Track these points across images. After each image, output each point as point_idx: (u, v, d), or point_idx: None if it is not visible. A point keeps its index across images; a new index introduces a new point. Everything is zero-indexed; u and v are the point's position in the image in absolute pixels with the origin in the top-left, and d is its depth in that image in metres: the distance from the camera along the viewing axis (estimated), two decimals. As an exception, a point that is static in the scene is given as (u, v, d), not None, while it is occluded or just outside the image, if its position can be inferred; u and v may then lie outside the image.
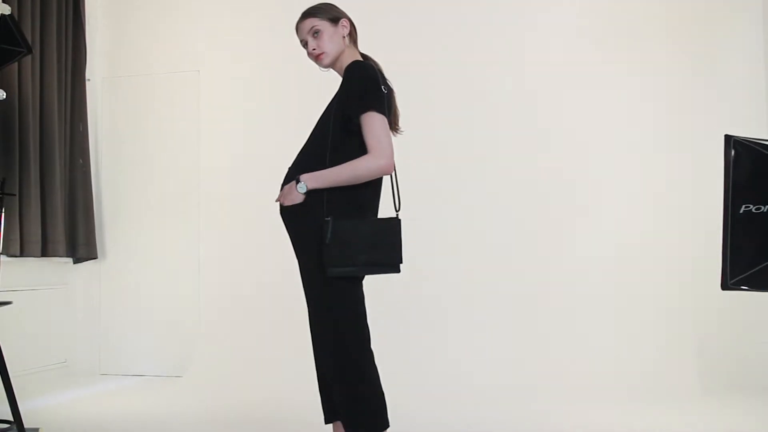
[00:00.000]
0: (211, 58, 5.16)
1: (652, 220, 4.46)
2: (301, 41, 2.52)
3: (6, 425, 3.12)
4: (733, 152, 1.73)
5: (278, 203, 2.41)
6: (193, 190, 5.11)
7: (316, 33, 2.45)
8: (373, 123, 2.25)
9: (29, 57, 4.31)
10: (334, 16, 2.48)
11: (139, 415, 3.87)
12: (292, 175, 2.38)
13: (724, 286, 1.82)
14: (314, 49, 2.46)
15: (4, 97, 3.33)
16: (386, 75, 2.47)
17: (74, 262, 5.13)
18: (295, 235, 2.37)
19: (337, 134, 2.31)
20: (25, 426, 3.03)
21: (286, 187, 2.33)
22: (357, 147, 2.30)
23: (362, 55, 2.54)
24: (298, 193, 2.27)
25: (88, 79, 5.23)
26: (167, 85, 5.24)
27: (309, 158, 2.37)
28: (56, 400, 4.20)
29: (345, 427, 2.32)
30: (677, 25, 4.52)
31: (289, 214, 2.37)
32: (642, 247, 4.44)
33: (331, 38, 2.45)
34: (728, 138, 1.75)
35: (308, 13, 2.50)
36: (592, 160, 4.56)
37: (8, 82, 4.36)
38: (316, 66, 2.56)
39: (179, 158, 5.18)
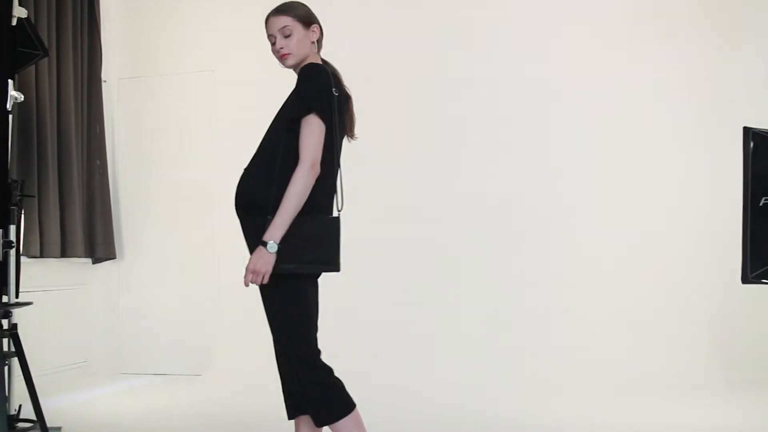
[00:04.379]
0: (225, 57, 5.17)
1: (672, 214, 4.42)
2: (268, 35, 2.47)
3: (29, 424, 3.15)
4: (752, 144, 1.70)
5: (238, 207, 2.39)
6: (209, 189, 5.13)
7: (287, 34, 2.41)
8: (309, 128, 2.25)
9: (46, 59, 4.34)
10: (308, 19, 2.44)
11: (159, 413, 3.90)
12: (244, 176, 2.37)
13: (745, 279, 1.80)
14: (281, 48, 2.42)
15: (22, 99, 3.36)
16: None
17: (93, 263, 5.17)
18: (246, 234, 2.37)
19: (286, 135, 2.29)
20: (48, 425, 3.05)
21: (253, 255, 2.22)
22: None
23: (323, 61, 2.51)
24: (269, 254, 2.18)
25: (104, 81, 5.26)
26: (182, 85, 5.27)
27: (259, 161, 2.36)
28: (77, 400, 4.25)
29: (314, 419, 2.33)
30: (695, 19, 4.48)
31: (241, 214, 2.38)
32: (662, 241, 4.41)
33: (301, 41, 2.41)
34: (747, 130, 1.72)
35: (282, 10, 2.44)
36: (609, 154, 4.54)
37: (26, 85, 4.40)
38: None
39: (195, 157, 5.20)
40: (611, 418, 3.51)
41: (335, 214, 2.38)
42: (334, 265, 2.32)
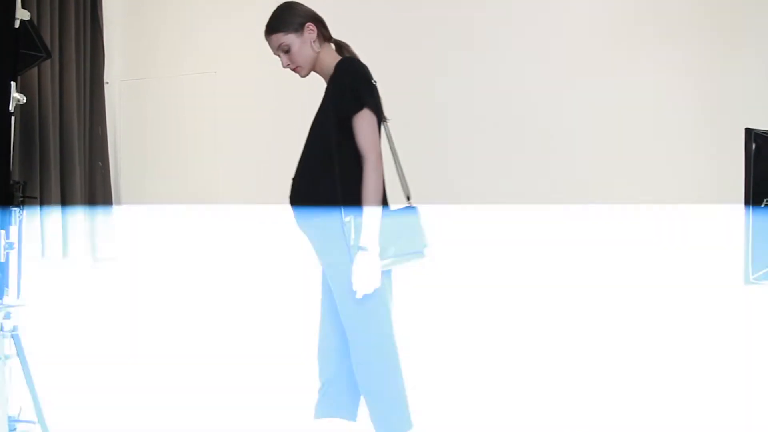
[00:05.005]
0: (227, 59, 5.18)
1: (672, 214, 4.42)
2: (274, 53, 2.49)
3: (30, 425, 3.16)
4: (753, 145, 1.70)
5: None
6: (211, 192, 5.14)
7: (285, 49, 2.41)
8: (365, 123, 2.24)
9: (48, 61, 4.35)
10: (298, 23, 2.41)
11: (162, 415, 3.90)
12: (300, 184, 2.33)
13: (747, 280, 1.80)
14: (288, 65, 2.44)
15: (24, 101, 3.36)
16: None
17: (95, 264, 5.17)
18: (319, 242, 2.31)
19: (337, 135, 2.27)
20: (48, 427, 3.06)
21: (358, 265, 2.13)
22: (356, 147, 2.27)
23: (337, 43, 2.49)
24: (373, 257, 2.13)
25: (107, 83, 5.27)
26: (184, 86, 5.27)
27: (313, 166, 2.32)
28: (79, 401, 4.23)
29: (378, 427, 2.27)
30: (695, 19, 4.47)
31: (308, 223, 2.31)
32: (663, 242, 4.40)
33: (301, 50, 2.40)
34: (749, 131, 1.73)
35: (272, 29, 2.45)
36: (610, 154, 4.54)
37: (28, 87, 4.41)
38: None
39: (197, 159, 5.21)
40: (612, 417, 3.52)
41: (405, 203, 2.34)
42: (417, 254, 2.28)
